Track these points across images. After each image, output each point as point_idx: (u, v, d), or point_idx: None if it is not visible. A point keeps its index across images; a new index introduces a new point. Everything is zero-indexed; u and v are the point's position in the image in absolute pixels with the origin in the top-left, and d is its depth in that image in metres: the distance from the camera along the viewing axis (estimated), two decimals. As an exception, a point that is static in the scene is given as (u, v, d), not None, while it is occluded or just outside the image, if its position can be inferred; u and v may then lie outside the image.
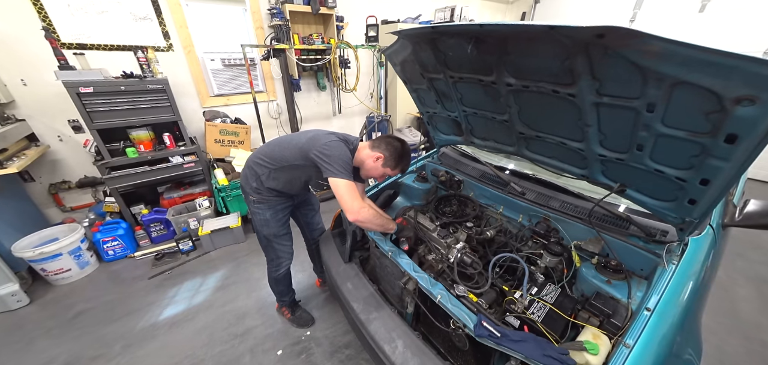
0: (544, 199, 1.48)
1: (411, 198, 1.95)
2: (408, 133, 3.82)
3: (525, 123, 1.29)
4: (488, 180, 1.74)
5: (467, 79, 1.26)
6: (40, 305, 2.02)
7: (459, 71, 1.26)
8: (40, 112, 2.31)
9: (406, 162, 1.44)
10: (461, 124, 1.67)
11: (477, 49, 1.00)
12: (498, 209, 1.65)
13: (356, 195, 1.25)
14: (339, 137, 1.35)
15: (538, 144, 1.36)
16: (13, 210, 2.13)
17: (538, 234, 1.40)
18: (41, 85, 2.25)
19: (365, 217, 1.26)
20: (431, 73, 1.40)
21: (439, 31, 1.07)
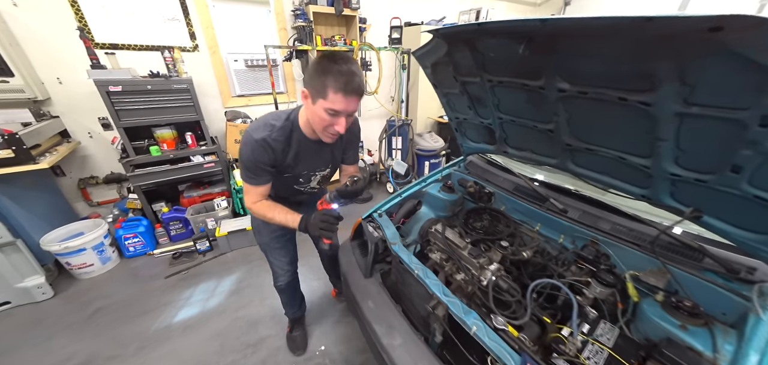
0: (591, 219, 1.31)
1: (435, 209, 1.82)
2: (429, 138, 3.69)
3: (574, 134, 1.13)
4: (523, 194, 1.58)
5: (508, 83, 1.12)
6: (63, 298, 2.05)
7: (499, 75, 1.13)
8: (73, 109, 2.38)
9: (334, 76, 0.89)
10: (495, 132, 1.53)
11: (529, 50, 0.87)
12: (534, 227, 1.49)
13: (251, 191, 1.14)
14: (259, 126, 1.05)
15: (587, 158, 1.20)
16: (44, 204, 2.19)
17: (585, 259, 1.23)
18: (75, 84, 2.32)
19: (256, 212, 1.18)
20: (466, 76, 1.28)
21: (485, 30, 0.95)
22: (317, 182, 1.36)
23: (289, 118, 1.09)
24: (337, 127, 0.97)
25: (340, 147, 1.32)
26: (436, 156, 3.72)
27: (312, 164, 1.24)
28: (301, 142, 1.12)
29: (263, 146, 1.03)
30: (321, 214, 1.05)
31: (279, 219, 1.14)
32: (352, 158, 1.42)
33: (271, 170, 1.11)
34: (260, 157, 1.04)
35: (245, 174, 1.10)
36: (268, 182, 1.13)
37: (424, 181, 1.89)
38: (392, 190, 3.65)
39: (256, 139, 1.01)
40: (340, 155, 1.35)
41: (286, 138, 1.08)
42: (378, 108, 3.77)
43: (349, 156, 1.40)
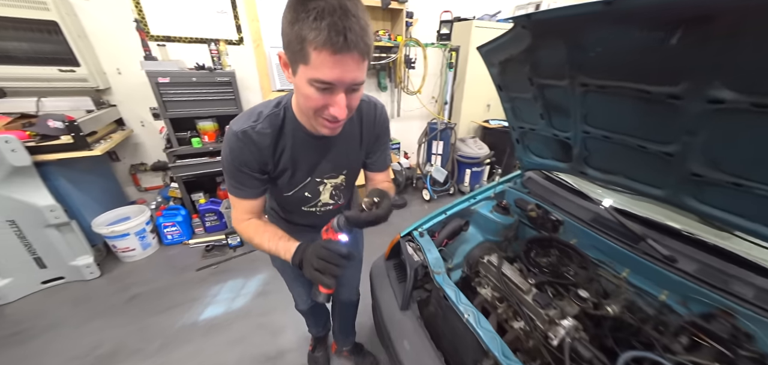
0: (720, 277, 0.95)
1: (485, 232, 1.54)
2: (472, 144, 3.36)
3: (711, 161, 0.80)
4: (604, 227, 1.24)
5: (614, 89, 0.82)
6: (107, 279, 2.15)
7: (603, 77, 0.83)
8: (129, 98, 2.51)
9: (312, 21, 0.52)
10: (572, 148, 1.22)
11: (683, 40, 0.58)
12: (620, 273, 1.15)
13: (237, 206, 0.85)
14: (241, 116, 0.78)
15: (726, 195, 0.85)
16: (99, 188, 2.33)
17: (710, 334, 0.89)
18: (132, 75, 2.43)
19: (242, 234, 0.88)
20: (547, 78, 1.00)
21: (620, 11, 0.65)
22: (329, 195, 0.98)
23: (279, 103, 0.77)
24: (333, 110, 0.62)
25: (359, 143, 0.92)
26: (479, 164, 3.38)
27: (316, 167, 0.87)
28: (297, 136, 0.78)
29: (244, 142, 0.73)
30: (320, 246, 0.69)
31: (270, 247, 0.81)
32: (379, 163, 0.99)
33: (260, 177, 0.80)
34: (240, 156, 0.74)
35: (227, 182, 0.81)
36: (257, 195, 0.83)
37: (473, 197, 1.63)
38: (428, 198, 3.39)
39: (234, 131, 0.72)
40: (361, 155, 0.96)
41: (275, 130, 0.75)
42: (419, 109, 3.53)
43: (374, 159, 0.98)
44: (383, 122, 0.94)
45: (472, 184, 3.56)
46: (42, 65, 2.03)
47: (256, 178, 0.80)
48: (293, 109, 0.77)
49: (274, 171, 0.83)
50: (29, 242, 1.85)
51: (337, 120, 0.65)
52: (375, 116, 0.91)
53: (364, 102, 0.88)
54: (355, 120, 0.88)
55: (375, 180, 1.02)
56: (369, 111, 0.89)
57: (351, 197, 1.11)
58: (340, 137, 0.82)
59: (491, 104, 3.79)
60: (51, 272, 2.00)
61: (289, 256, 0.76)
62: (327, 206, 1.01)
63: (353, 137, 0.89)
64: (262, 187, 0.84)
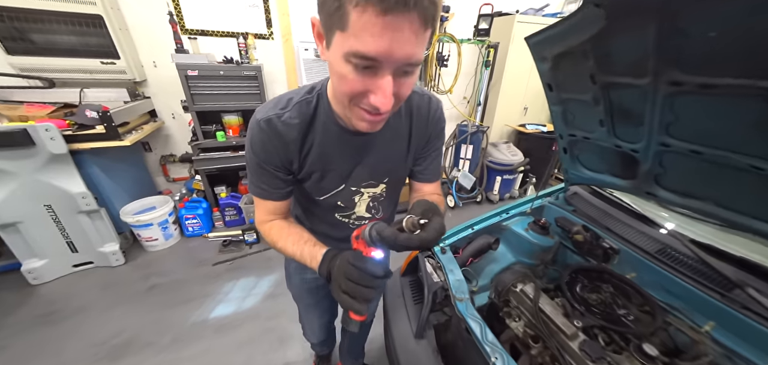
0: None
1: (517, 253, 1.33)
2: (505, 149, 3.09)
3: None
4: (679, 265, 0.98)
5: (729, 90, 0.60)
6: (132, 267, 2.22)
7: (712, 73, 0.61)
8: (163, 91, 2.59)
9: None
10: (640, 163, 0.98)
11: None
12: (701, 327, 0.90)
13: (260, 206, 0.74)
14: (268, 103, 0.65)
15: None
16: (130, 176, 2.43)
17: None
18: (166, 68, 2.50)
19: (265, 236, 0.75)
20: (621, 75, 0.79)
21: None
22: (366, 208, 0.82)
23: (313, 89, 0.66)
24: (374, 98, 0.47)
25: (407, 145, 0.74)
26: (511, 172, 3.09)
27: (350, 172, 0.72)
28: (329, 130, 0.65)
29: (267, 133, 0.61)
30: (349, 264, 0.54)
31: (294, 252, 0.68)
32: (429, 172, 0.81)
33: (285, 178, 0.68)
34: (263, 151, 0.63)
35: (248, 177, 0.71)
36: (281, 197, 0.71)
37: (506, 211, 1.42)
38: (453, 204, 3.17)
39: (257, 120, 0.62)
40: (409, 160, 0.78)
41: (304, 121, 0.63)
42: (448, 109, 3.30)
43: (423, 167, 0.80)
44: (438, 120, 0.76)
45: (502, 193, 3.28)
46: (86, 57, 2.15)
47: (279, 178, 0.68)
48: (328, 95, 0.63)
49: (299, 172, 0.69)
50: (63, 227, 1.95)
51: (378, 112, 0.48)
52: (429, 113, 0.73)
53: (416, 93, 0.71)
54: (403, 115, 0.70)
55: (422, 193, 0.83)
56: (421, 105, 0.72)
57: (394, 210, 0.93)
58: (383, 135, 0.67)
59: (529, 106, 3.48)
60: (81, 257, 2.10)
61: (315, 263, 0.62)
62: (362, 220, 0.84)
63: (400, 136, 0.72)
64: (287, 188, 0.71)
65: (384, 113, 0.50)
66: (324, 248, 0.64)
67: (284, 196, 0.72)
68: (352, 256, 0.54)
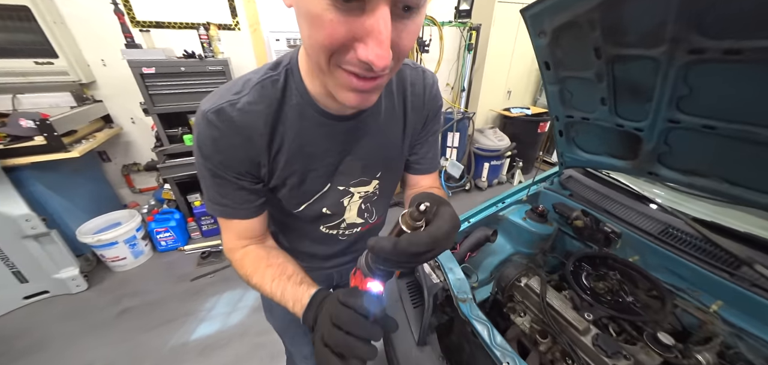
0: None
1: (516, 243, 1.29)
2: (491, 135, 3.06)
3: None
4: (683, 245, 0.96)
5: (760, 53, 0.53)
6: (97, 291, 2.00)
7: (740, 35, 0.54)
8: (118, 93, 2.31)
9: None
10: (643, 142, 0.93)
11: None
12: (708, 306, 0.88)
13: (226, 228, 0.57)
14: (217, 91, 0.49)
15: None
16: (86, 192, 2.16)
17: None
18: (118, 66, 2.22)
19: (237, 269, 0.57)
20: (632, 46, 0.71)
21: None
22: (358, 211, 0.67)
23: (279, 64, 0.50)
24: (362, 48, 0.33)
25: (402, 128, 0.61)
26: (498, 157, 3.07)
27: (337, 167, 0.58)
28: (305, 115, 0.50)
29: (218, 128, 0.46)
30: (341, 298, 0.41)
31: (273, 291, 0.52)
32: (427, 161, 0.68)
33: (252, 186, 0.53)
34: (216, 150, 0.47)
35: (204, 193, 0.55)
36: (252, 213, 0.55)
37: (502, 201, 1.36)
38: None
39: (204, 111, 0.46)
40: (405, 147, 0.64)
41: (271, 105, 0.48)
42: (430, 97, 3.22)
43: (421, 155, 0.68)
44: (435, 97, 0.63)
45: (490, 179, 3.27)
46: (17, 58, 1.85)
47: (244, 188, 0.52)
48: (301, 69, 0.49)
49: (269, 176, 0.53)
50: (5, 256, 1.70)
51: (371, 73, 0.35)
52: (425, 88, 0.61)
53: (408, 66, 0.59)
54: (396, 92, 0.58)
55: (419, 187, 0.71)
56: (416, 80, 0.60)
57: (387, 211, 0.79)
58: (375, 117, 0.56)
59: (512, 90, 3.45)
60: (33, 287, 1.85)
61: (298, 308, 0.47)
62: (354, 228, 0.69)
63: (393, 118, 0.59)
64: (258, 200, 0.55)
65: (380, 75, 0.36)
66: (312, 287, 0.49)
67: (256, 211, 0.56)
68: (344, 292, 0.42)
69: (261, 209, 0.57)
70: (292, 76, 0.49)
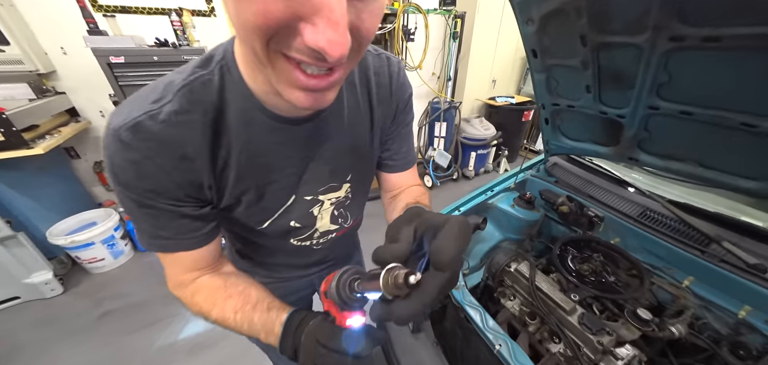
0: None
1: (505, 230, 1.32)
2: (477, 124, 3.09)
3: None
4: (660, 226, 1.02)
5: (737, 41, 0.56)
6: (73, 295, 1.90)
7: (719, 23, 0.56)
8: (83, 84, 2.15)
9: None
10: (624, 129, 0.97)
11: None
12: (680, 282, 0.94)
13: (169, 264, 0.48)
14: (132, 100, 0.39)
15: None
16: (56, 191, 2.03)
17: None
18: (82, 55, 2.05)
19: (188, 307, 0.49)
20: (616, 33, 0.73)
21: None
22: (331, 218, 0.61)
23: (210, 60, 0.41)
24: (309, 32, 0.26)
25: (370, 124, 0.55)
26: (485, 146, 3.12)
27: (300, 173, 0.51)
28: (252, 120, 0.43)
29: (137, 148, 0.37)
30: (322, 339, 0.38)
31: (239, 324, 0.45)
32: (401, 157, 0.62)
33: (197, 212, 0.44)
34: (138, 176, 0.38)
35: (135, 228, 0.45)
36: (200, 241, 0.46)
37: (491, 189, 1.39)
38: (431, 185, 3.15)
39: (115, 129, 0.36)
40: (374, 145, 0.58)
41: (207, 112, 0.40)
42: (419, 87, 3.20)
43: (394, 151, 0.61)
44: (403, 85, 0.56)
45: (477, 168, 3.32)
46: (-38, 46, 1.67)
47: (187, 214, 0.43)
48: (239, 65, 0.40)
49: (218, 196, 0.45)
50: (-33, 262, 1.58)
51: (324, 62, 0.28)
52: (391, 77, 0.54)
53: (370, 53, 0.53)
54: (359, 83, 0.51)
55: (396, 186, 0.65)
56: (380, 68, 0.53)
57: (362, 211, 0.73)
58: (338, 114, 0.49)
59: (497, 79, 3.49)
60: (2, 293, 1.74)
61: (272, 339, 0.42)
62: (328, 235, 0.64)
63: (359, 114, 0.52)
64: (208, 226, 0.46)
65: (336, 68, 0.30)
66: (283, 312, 0.43)
67: (206, 238, 0.46)
68: (322, 331, 0.38)
69: (212, 235, 0.48)
70: (229, 74, 0.40)
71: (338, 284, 0.35)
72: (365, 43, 0.32)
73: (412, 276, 0.27)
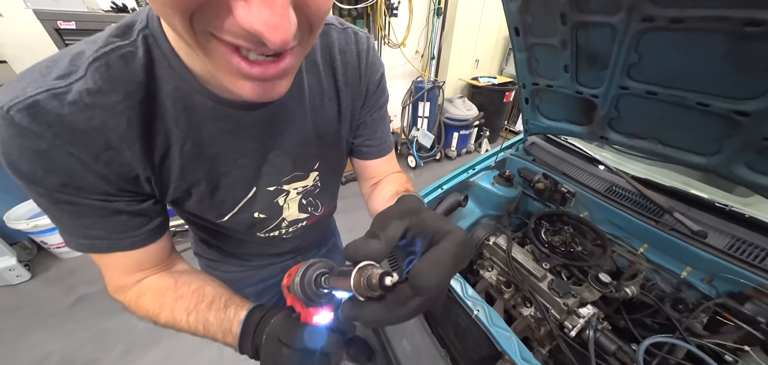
0: (755, 254, 0.86)
1: (485, 207, 1.39)
2: (460, 104, 3.13)
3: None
4: (623, 200, 1.11)
5: (702, 22, 0.61)
6: (43, 281, 1.81)
7: (686, 5, 0.60)
8: (25, 53, 1.91)
9: None
10: (597, 108, 1.03)
11: None
12: (636, 249, 1.05)
13: (107, 266, 0.41)
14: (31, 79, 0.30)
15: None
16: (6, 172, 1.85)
17: (741, 316, 0.81)
18: (21, 19, 1.82)
19: (136, 311, 0.43)
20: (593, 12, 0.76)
21: None
22: (299, 207, 0.57)
23: (130, 28, 0.33)
24: (241, 11, 0.21)
25: (337, 109, 0.50)
26: (467, 127, 3.18)
27: (259, 164, 0.46)
28: (192, 104, 0.36)
29: (35, 136, 0.29)
30: (284, 339, 0.34)
31: (193, 326, 0.40)
32: (375, 142, 0.58)
33: (134, 206, 0.38)
34: (43, 168, 0.31)
35: (59, 229, 0.37)
36: (145, 239, 0.40)
37: (473, 167, 1.44)
38: (414, 165, 3.19)
39: (4, 109, 0.28)
40: (343, 130, 0.53)
41: (131, 93, 0.32)
42: (402, 65, 3.16)
43: (367, 136, 0.56)
44: (373, 65, 0.51)
45: (460, 148, 3.39)
46: None
47: (122, 210, 0.37)
48: (171, 40, 0.33)
49: (161, 189, 0.39)
50: None
51: (264, 46, 0.23)
52: (359, 54, 0.48)
53: (334, 27, 0.46)
54: (321, 63, 0.45)
55: (376, 174, 0.60)
56: (346, 45, 0.47)
57: (335, 197, 0.70)
58: (297, 100, 0.44)
59: (480, 58, 3.50)
60: (-40, 281, 1.63)
61: (231, 339, 0.38)
62: (298, 224, 0.59)
63: (323, 96, 0.47)
64: (152, 222, 0.40)
65: (284, 54, 0.26)
66: (241, 308, 0.39)
67: (149, 237, 0.40)
68: (285, 329, 0.34)
69: (157, 233, 0.41)
70: (158, 48, 0.33)
71: (303, 279, 0.32)
72: (318, 22, 0.27)
73: (389, 276, 0.23)
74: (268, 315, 0.38)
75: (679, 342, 0.76)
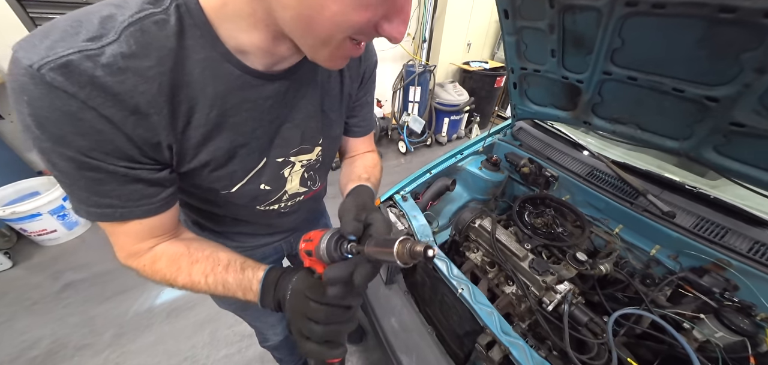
0: (716, 231, 0.92)
1: (472, 191, 1.42)
2: (451, 89, 3.12)
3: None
4: (602, 183, 1.17)
5: (683, 7, 0.63)
6: (26, 269, 1.77)
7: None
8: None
9: None
10: (582, 94, 1.06)
11: None
12: (612, 230, 1.11)
13: (118, 234, 0.42)
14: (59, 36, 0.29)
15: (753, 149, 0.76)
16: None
17: (698, 288, 0.89)
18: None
19: (148, 276, 0.45)
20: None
21: None
22: (300, 181, 0.60)
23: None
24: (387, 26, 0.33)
25: (340, 90, 0.56)
26: (458, 112, 3.18)
27: (272, 135, 0.49)
28: (219, 73, 0.38)
29: (70, 98, 0.30)
30: (311, 295, 0.39)
31: (212, 286, 0.44)
32: (365, 122, 0.67)
33: (152, 175, 0.39)
34: (75, 131, 0.31)
35: (69, 195, 0.37)
36: (158, 208, 0.42)
37: (461, 152, 1.46)
38: (405, 150, 3.20)
39: (29, 65, 0.28)
40: (344, 108, 0.59)
41: (163, 60, 0.34)
42: (392, 49, 3.10)
43: (360, 117, 0.65)
44: (370, 52, 0.59)
45: (450, 134, 3.41)
46: None
47: (142, 178, 0.38)
48: (204, 7, 0.34)
49: (179, 159, 0.41)
50: None
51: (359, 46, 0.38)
52: None
53: None
54: None
55: (355, 150, 0.70)
56: None
57: (327, 177, 0.74)
58: (310, 78, 0.49)
59: (472, 42, 3.47)
60: (-64, 270, 1.58)
61: (251, 295, 0.44)
62: (297, 197, 0.63)
63: (330, 78, 0.53)
64: (165, 191, 0.42)
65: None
66: (259, 269, 0.45)
67: (164, 204, 0.42)
68: (309, 286, 0.40)
69: (170, 202, 0.43)
70: (190, 17, 0.34)
71: (330, 244, 0.39)
72: None
73: (430, 249, 0.30)
74: (286, 273, 0.44)
75: (645, 312, 0.82)
